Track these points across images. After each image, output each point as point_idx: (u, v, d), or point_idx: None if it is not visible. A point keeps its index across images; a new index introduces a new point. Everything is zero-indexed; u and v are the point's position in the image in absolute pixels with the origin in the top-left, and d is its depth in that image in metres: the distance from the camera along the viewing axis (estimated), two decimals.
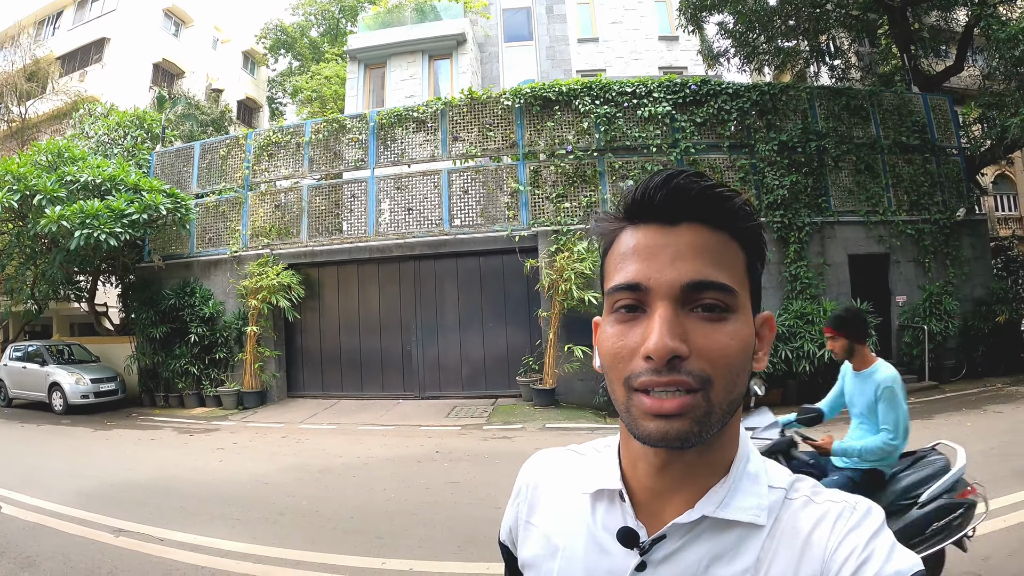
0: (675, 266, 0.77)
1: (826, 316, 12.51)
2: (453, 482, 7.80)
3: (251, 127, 31.40)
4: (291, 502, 7.06)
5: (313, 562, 5.25)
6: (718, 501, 0.81)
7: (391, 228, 14.63)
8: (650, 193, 0.80)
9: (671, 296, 0.77)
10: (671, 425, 0.75)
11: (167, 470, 8.81)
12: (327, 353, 15.45)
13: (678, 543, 0.81)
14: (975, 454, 7.76)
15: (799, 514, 0.80)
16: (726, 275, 0.79)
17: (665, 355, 0.74)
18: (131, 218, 13.53)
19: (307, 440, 10.93)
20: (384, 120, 15.02)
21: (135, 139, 19.49)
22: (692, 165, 13.88)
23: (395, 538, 5.77)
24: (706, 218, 0.80)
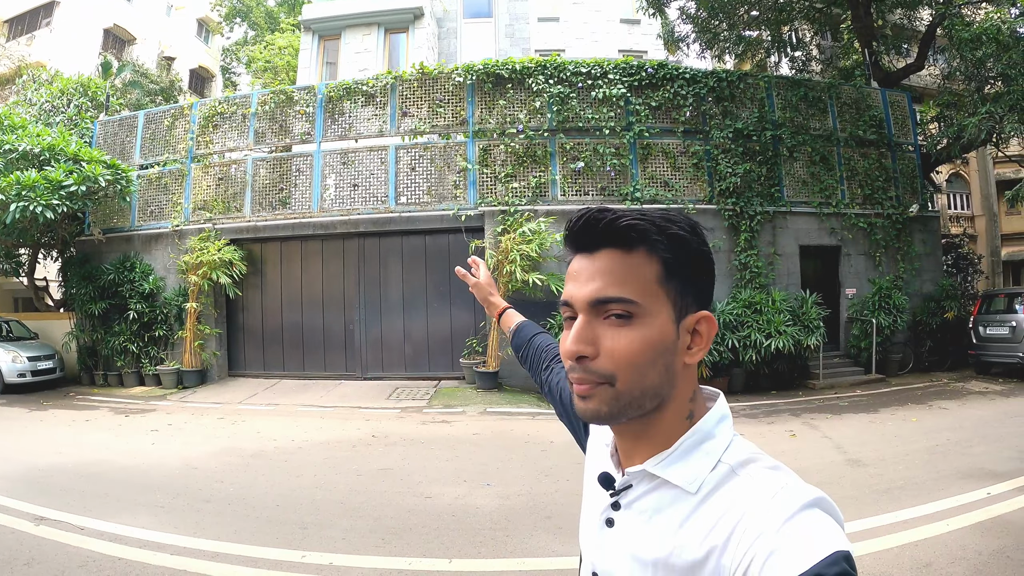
0: (587, 286, 0.93)
1: (775, 306, 12.59)
2: (385, 468, 7.70)
3: (204, 97, 30.54)
4: (219, 489, 6.92)
5: (232, 554, 5.09)
6: (658, 461, 0.94)
7: (336, 204, 14.26)
8: (570, 229, 0.97)
9: (584, 309, 0.93)
10: (587, 404, 0.93)
11: (98, 453, 8.53)
12: (269, 331, 15.08)
13: (639, 492, 0.97)
14: (921, 451, 7.88)
15: (734, 490, 0.87)
16: (629, 289, 0.91)
17: (571, 356, 0.92)
18: (69, 190, 13.02)
19: (243, 422, 10.70)
20: (333, 93, 14.62)
21: (78, 107, 18.75)
22: (645, 149, 13.88)
23: (319, 528, 5.67)
24: (617, 243, 0.93)
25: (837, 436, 8.96)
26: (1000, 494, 6.10)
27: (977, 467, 7.04)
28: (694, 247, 0.95)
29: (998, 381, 13.45)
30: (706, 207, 13.78)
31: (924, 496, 6.12)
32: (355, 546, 5.24)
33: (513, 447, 8.76)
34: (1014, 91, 13.72)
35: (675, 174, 13.96)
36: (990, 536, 5.14)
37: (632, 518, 0.97)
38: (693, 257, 0.95)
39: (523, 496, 6.49)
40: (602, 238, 0.93)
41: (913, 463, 7.37)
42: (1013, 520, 5.46)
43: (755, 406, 11.40)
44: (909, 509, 5.76)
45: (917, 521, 5.49)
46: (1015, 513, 5.62)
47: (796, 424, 9.86)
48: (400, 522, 5.80)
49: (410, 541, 5.35)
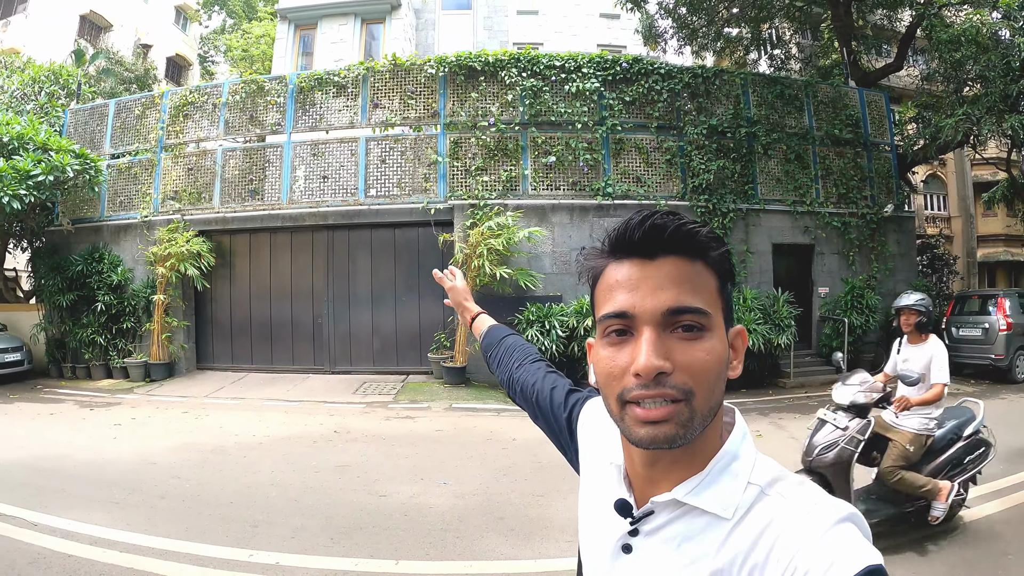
0: (656, 295, 0.88)
1: (746, 304, 12.52)
2: (343, 465, 7.64)
3: (181, 86, 30.08)
4: (175, 485, 6.86)
5: (180, 552, 5.05)
6: (689, 489, 0.90)
7: (305, 196, 14.07)
8: (631, 232, 0.91)
9: (654, 321, 0.87)
10: (659, 430, 0.85)
11: (58, 448, 8.40)
12: (237, 324, 14.91)
13: (663, 520, 0.92)
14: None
15: (767, 510, 0.85)
16: (700, 299, 0.88)
17: (651, 372, 0.85)
18: (37, 179, 12.78)
19: (207, 416, 10.58)
20: (304, 83, 14.40)
21: (50, 95, 18.45)
22: (618, 144, 13.77)
23: (270, 527, 5.61)
24: (680, 250, 0.90)
25: (804, 437, 8.85)
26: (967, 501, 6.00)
27: None
28: (732, 264, 0.97)
29: (970, 382, 13.49)
30: (679, 203, 13.68)
31: None
32: (304, 545, 5.20)
33: (474, 444, 8.67)
34: (992, 93, 13.72)
35: (648, 170, 13.85)
36: (955, 546, 5.10)
37: (656, 546, 0.93)
38: (732, 270, 0.96)
39: (478, 496, 6.43)
40: (664, 244, 0.90)
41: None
42: (979, 529, 5.44)
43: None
44: None
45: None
46: (980, 521, 5.60)
47: (763, 424, 9.81)
48: (351, 521, 5.75)
49: (359, 541, 5.31)
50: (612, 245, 0.94)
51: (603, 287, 0.95)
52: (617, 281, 0.92)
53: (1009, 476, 6.70)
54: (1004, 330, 13.29)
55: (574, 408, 1.32)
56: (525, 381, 1.51)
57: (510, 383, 1.60)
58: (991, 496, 6.13)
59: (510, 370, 1.61)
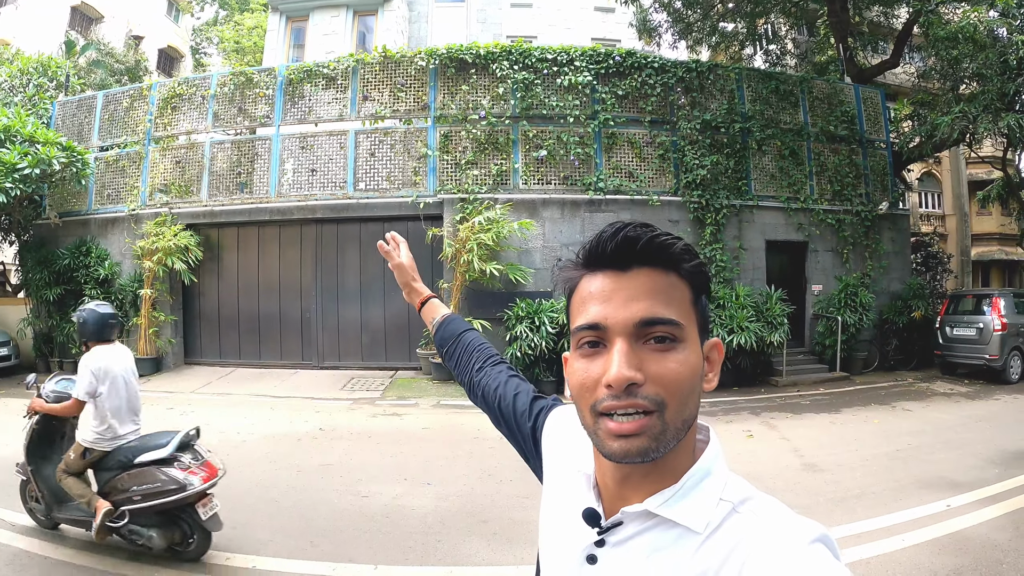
0: (628, 306, 0.88)
1: (739, 301, 12.45)
2: (327, 464, 7.58)
3: (172, 78, 30.08)
4: None
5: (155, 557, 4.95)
6: (662, 501, 0.89)
7: (294, 189, 13.92)
8: (603, 244, 0.91)
9: (626, 332, 0.87)
10: (631, 443, 0.85)
11: None
12: (225, 319, 14.79)
13: (632, 531, 0.92)
14: (880, 457, 7.67)
15: (738, 527, 0.85)
16: (673, 311, 0.89)
17: (622, 383, 0.84)
18: (23, 172, 12.67)
19: (192, 413, 10.42)
20: (293, 75, 14.21)
21: (38, 87, 18.31)
22: (611, 138, 13.65)
23: (248, 529, 5.50)
24: (653, 262, 0.90)
25: (796, 438, 8.81)
26: (960, 507, 5.95)
27: (937, 475, 6.89)
28: (707, 272, 0.96)
29: (963, 382, 13.44)
30: (671, 199, 13.60)
31: (880, 507, 5.96)
32: (282, 548, 5.11)
33: (461, 443, 8.55)
34: (989, 91, 13.64)
35: (640, 165, 13.72)
36: (947, 554, 4.95)
37: (623, 556, 0.92)
38: (707, 282, 0.96)
39: (462, 497, 6.33)
40: (637, 256, 0.90)
41: (871, 470, 7.23)
42: (972, 536, 5.29)
43: (715, 403, 11.22)
44: (864, 521, 5.60)
45: (872, 535, 5.32)
46: (974, 528, 5.45)
47: (755, 424, 9.69)
48: (332, 523, 5.68)
49: (339, 544, 5.23)
50: (586, 257, 0.94)
51: (577, 299, 0.95)
52: (590, 293, 0.92)
53: (1005, 481, 6.61)
54: (999, 330, 13.18)
55: (539, 417, 1.31)
56: (487, 385, 1.48)
57: (470, 385, 1.55)
58: (986, 502, 6.01)
59: (470, 371, 1.56)
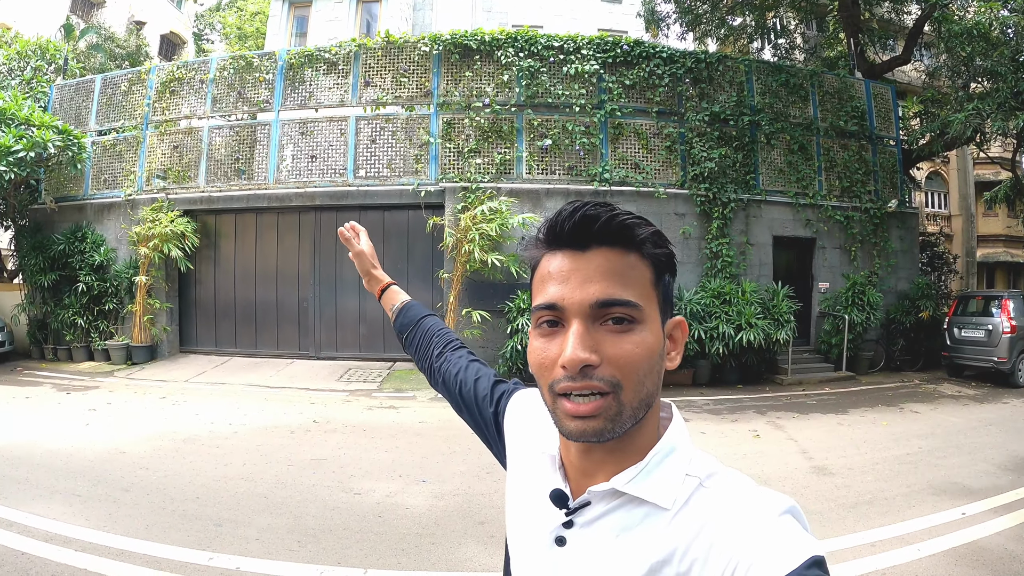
0: (584, 288, 0.86)
1: (745, 297, 12.26)
2: (319, 458, 7.43)
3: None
4: (142, 476, 6.62)
5: (137, 553, 4.80)
6: (629, 478, 0.89)
7: (293, 176, 13.73)
8: (561, 223, 0.89)
9: (582, 313, 0.86)
10: (588, 424, 0.85)
11: (29, 434, 8.20)
12: (222, 307, 14.64)
13: (600, 511, 0.91)
14: (891, 460, 7.45)
15: (707, 502, 0.85)
16: (631, 292, 0.87)
17: (577, 364, 0.83)
18: (18, 156, 12.53)
19: (185, 402, 10.36)
20: (294, 60, 13.99)
21: (36, 70, 18.14)
22: (617, 129, 13.45)
23: (234, 526, 5.36)
24: (613, 242, 0.88)
25: (803, 439, 8.61)
26: (975, 515, 5.72)
27: (951, 481, 6.67)
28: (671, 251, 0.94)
29: (971, 385, 13.23)
30: (678, 192, 13.42)
31: (894, 514, 5.74)
32: (268, 548, 4.94)
33: (458, 439, 8.32)
34: (1001, 89, 13.49)
35: (647, 156, 13.51)
36: (964, 565, 4.71)
37: (592, 537, 0.91)
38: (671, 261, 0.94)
39: (459, 496, 6.15)
40: (596, 236, 0.88)
41: (882, 474, 7.01)
42: (988, 547, 5.05)
43: (719, 401, 11.05)
44: (877, 529, 5.38)
45: (885, 544, 5.09)
46: (991, 538, 5.21)
47: (761, 423, 9.51)
48: (322, 522, 5.51)
49: (327, 545, 5.04)
50: (545, 236, 0.93)
51: (537, 278, 0.93)
52: (549, 272, 0.90)
53: (1019, 488, 6.39)
54: (1008, 332, 12.97)
55: (500, 401, 1.29)
56: (448, 371, 1.44)
57: (431, 371, 1.52)
58: (1001, 511, 5.78)
59: (430, 357, 1.53)
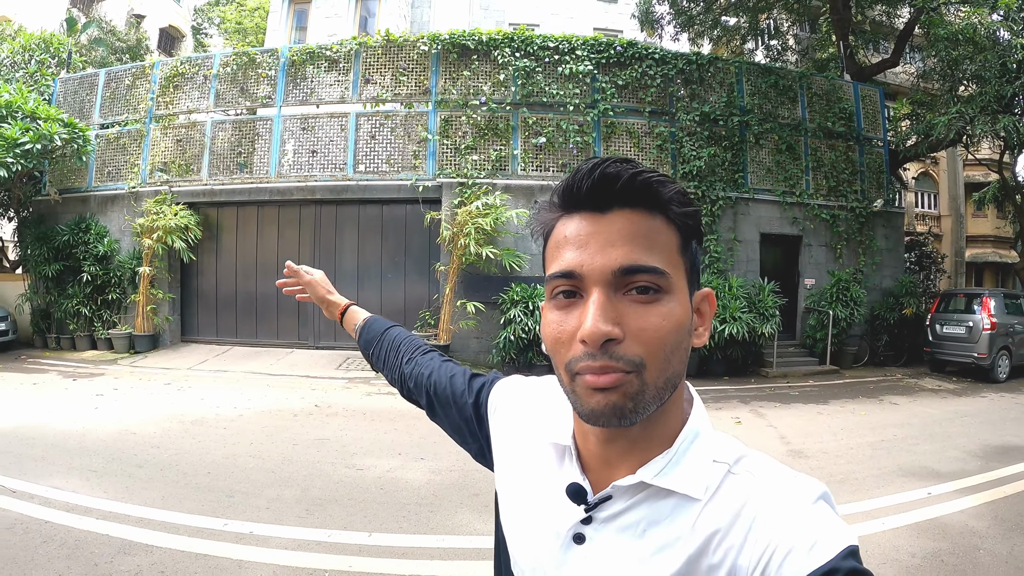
0: (606, 252, 0.79)
1: (731, 292, 12.55)
2: (322, 439, 7.71)
3: (173, 57, 29.95)
4: (153, 454, 6.87)
5: (156, 520, 5.06)
6: (657, 470, 0.83)
7: (294, 170, 14.01)
8: (579, 182, 0.82)
9: (604, 281, 0.79)
10: (608, 398, 0.77)
11: (40, 417, 8.39)
12: (223, 298, 14.92)
13: (622, 505, 0.85)
14: (865, 446, 7.83)
15: (738, 488, 0.81)
16: (657, 258, 0.80)
17: (598, 339, 0.76)
18: (24, 148, 12.74)
19: (190, 388, 10.61)
20: (296, 57, 14.29)
21: (40, 64, 18.30)
22: (610, 128, 13.79)
23: (245, 497, 5.64)
24: (636, 203, 0.81)
25: (783, 426, 8.98)
26: (940, 495, 6.07)
27: (920, 465, 7.02)
28: (698, 209, 0.87)
29: (952, 379, 13.59)
30: None
31: (863, 492, 6.10)
32: (278, 516, 5.22)
33: None
34: (987, 93, 13.76)
35: (639, 154, 13.83)
36: (925, 538, 5.07)
37: (614, 534, 0.85)
38: (699, 226, 0.88)
39: (455, 472, 6.45)
40: (618, 196, 0.80)
41: (856, 457, 7.38)
42: (951, 523, 5.41)
43: (705, 391, 11.35)
44: (846, 505, 5.73)
45: (853, 517, 5.43)
46: (953, 515, 5.57)
47: (744, 411, 9.88)
48: (327, 493, 5.80)
49: (334, 513, 5.33)
50: (561, 197, 0.86)
51: (552, 244, 0.87)
52: (565, 237, 0.84)
53: (985, 473, 6.75)
54: (988, 329, 13.30)
55: (480, 392, 1.21)
56: (419, 374, 1.37)
57: (401, 380, 1.44)
58: (966, 491, 6.15)
59: (399, 366, 1.45)
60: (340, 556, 4.57)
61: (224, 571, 4.30)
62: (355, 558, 4.55)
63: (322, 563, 4.45)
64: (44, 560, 4.36)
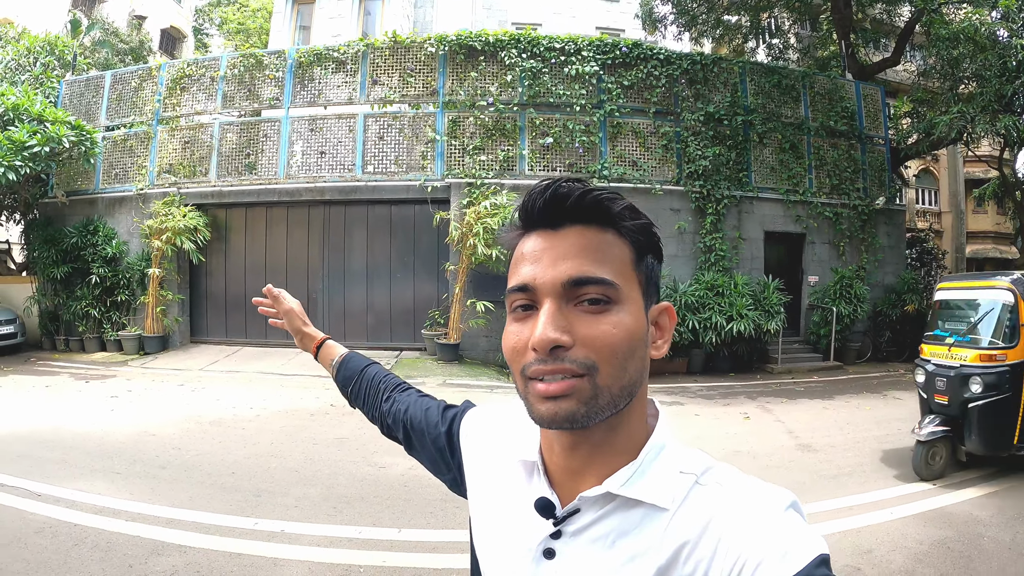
0: (556, 266, 0.83)
1: (737, 289, 12.68)
2: (341, 437, 7.78)
3: (174, 58, 29.79)
4: (175, 455, 6.93)
5: (185, 520, 5.12)
6: (624, 479, 0.85)
7: (303, 171, 14.09)
8: (533, 202, 0.86)
9: (554, 293, 0.82)
10: (559, 406, 0.80)
11: (56, 419, 8.43)
12: (232, 298, 14.92)
13: (591, 517, 0.86)
14: (871, 440, 7.98)
15: (706, 499, 0.82)
16: (606, 270, 0.83)
17: (546, 346, 0.79)
18: (32, 151, 12.73)
19: (203, 389, 10.66)
20: (303, 58, 14.39)
21: (45, 66, 18.28)
22: (615, 128, 13.90)
23: (272, 496, 5.73)
24: (587, 219, 0.85)
25: (790, 420, 9.11)
26: (946, 486, 6.23)
27: None
28: (655, 233, 0.91)
29: None
30: (673, 188, 13.88)
31: (870, 483, 6.26)
32: (307, 514, 5.32)
33: None
34: (987, 92, 13.83)
35: (644, 154, 13.98)
36: (932, 526, 5.24)
37: (584, 547, 0.87)
38: (656, 243, 0.91)
39: None
40: (569, 214, 0.85)
41: (862, 451, 7.53)
42: (956, 512, 5.58)
43: (712, 388, 11.54)
44: (854, 496, 5.89)
45: (861, 508, 5.61)
46: (958, 505, 5.75)
47: (751, 407, 10.00)
48: (352, 491, 5.89)
49: (361, 510, 5.43)
50: (520, 217, 0.89)
51: (513, 261, 0.90)
52: (523, 254, 0.87)
53: (988, 466, 6.88)
54: None
55: (453, 421, 1.23)
56: (397, 411, 1.38)
57: (381, 419, 1.46)
58: (970, 483, 6.33)
59: (378, 405, 1.46)
60: (372, 552, 4.67)
61: (260, 569, 4.39)
62: (387, 553, 4.65)
63: (355, 559, 4.54)
64: (77, 563, 4.39)
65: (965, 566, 4.56)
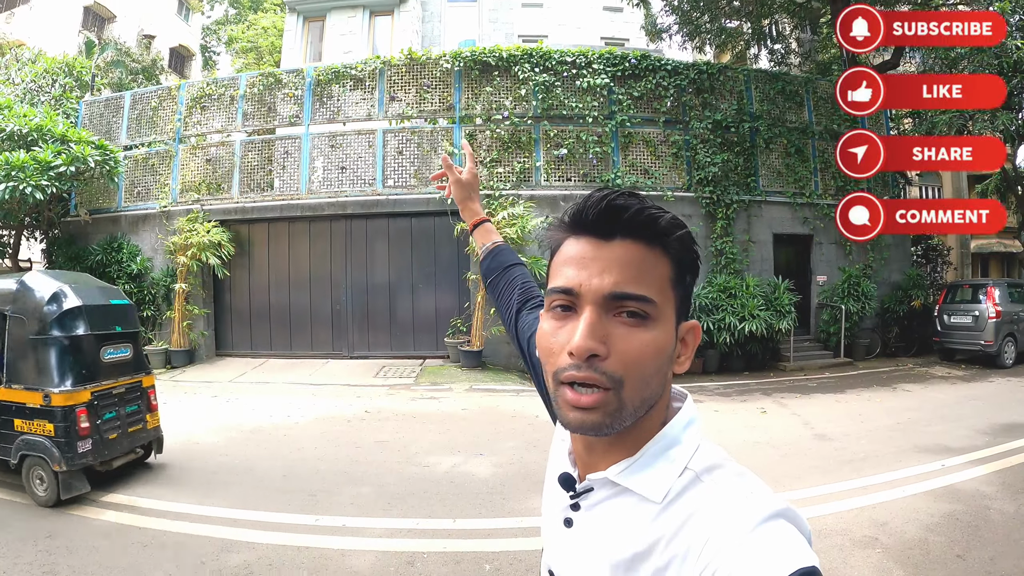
0: (602, 277, 0.86)
1: (748, 291, 13.00)
2: (382, 441, 7.97)
3: (183, 76, 30.26)
4: (223, 461, 7.12)
5: (248, 519, 5.36)
6: (620, 470, 0.91)
7: (324, 186, 14.38)
8: (587, 210, 0.89)
9: (596, 302, 0.86)
10: (586, 416, 0.85)
11: None
12: (256, 311, 15.14)
13: (601, 497, 0.94)
14: (883, 428, 8.38)
15: (696, 497, 0.85)
16: (648, 287, 0.86)
17: (584, 353, 0.83)
18: (58, 170, 12.89)
19: (237, 399, 10.76)
20: (321, 76, 14.72)
21: (63, 87, 18.54)
22: (627, 138, 14.22)
23: (327, 495, 5.94)
24: (637, 235, 0.88)
25: (805, 413, 9.46)
26: (954, 466, 6.62)
27: (934, 443, 7.55)
28: (696, 253, 0.94)
29: (960, 367, 14.05)
30: (684, 195, 14.21)
31: (884, 467, 6.62)
32: (364, 510, 5.59)
33: (501, 421, 9.07)
34: None
35: (655, 162, 14.34)
36: (942, 501, 5.63)
37: (591, 521, 0.94)
38: (695, 261, 0.94)
39: (515, 464, 6.82)
40: (621, 226, 0.88)
41: (875, 438, 7.89)
42: (964, 488, 5.96)
43: (728, 385, 11.89)
44: (869, 477, 6.28)
45: (876, 487, 5.99)
46: (965, 483, 6.13)
47: (767, 402, 10.32)
48: (403, 488, 6.14)
49: (414, 505, 5.70)
50: (570, 220, 0.93)
51: (557, 260, 0.94)
52: (570, 257, 0.90)
53: (993, 447, 7.36)
54: (993, 318, 13.74)
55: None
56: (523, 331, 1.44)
57: (510, 322, 1.52)
58: (976, 463, 6.73)
59: (512, 308, 1.52)
60: (432, 540, 4.98)
61: (330, 560, 4.64)
62: (447, 540, 4.97)
63: (418, 547, 4.85)
64: (150, 563, 4.59)
65: (973, 534, 4.96)
